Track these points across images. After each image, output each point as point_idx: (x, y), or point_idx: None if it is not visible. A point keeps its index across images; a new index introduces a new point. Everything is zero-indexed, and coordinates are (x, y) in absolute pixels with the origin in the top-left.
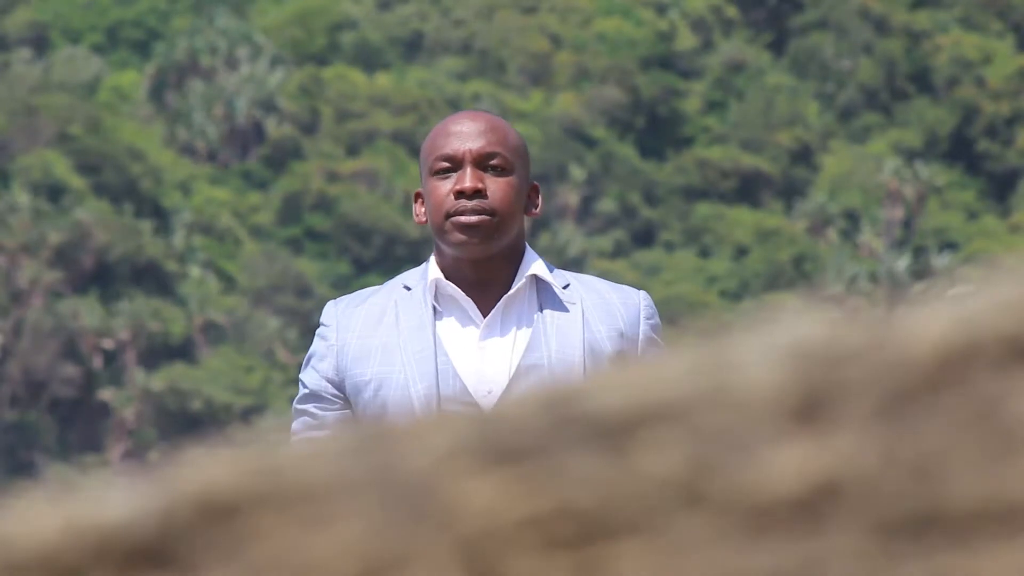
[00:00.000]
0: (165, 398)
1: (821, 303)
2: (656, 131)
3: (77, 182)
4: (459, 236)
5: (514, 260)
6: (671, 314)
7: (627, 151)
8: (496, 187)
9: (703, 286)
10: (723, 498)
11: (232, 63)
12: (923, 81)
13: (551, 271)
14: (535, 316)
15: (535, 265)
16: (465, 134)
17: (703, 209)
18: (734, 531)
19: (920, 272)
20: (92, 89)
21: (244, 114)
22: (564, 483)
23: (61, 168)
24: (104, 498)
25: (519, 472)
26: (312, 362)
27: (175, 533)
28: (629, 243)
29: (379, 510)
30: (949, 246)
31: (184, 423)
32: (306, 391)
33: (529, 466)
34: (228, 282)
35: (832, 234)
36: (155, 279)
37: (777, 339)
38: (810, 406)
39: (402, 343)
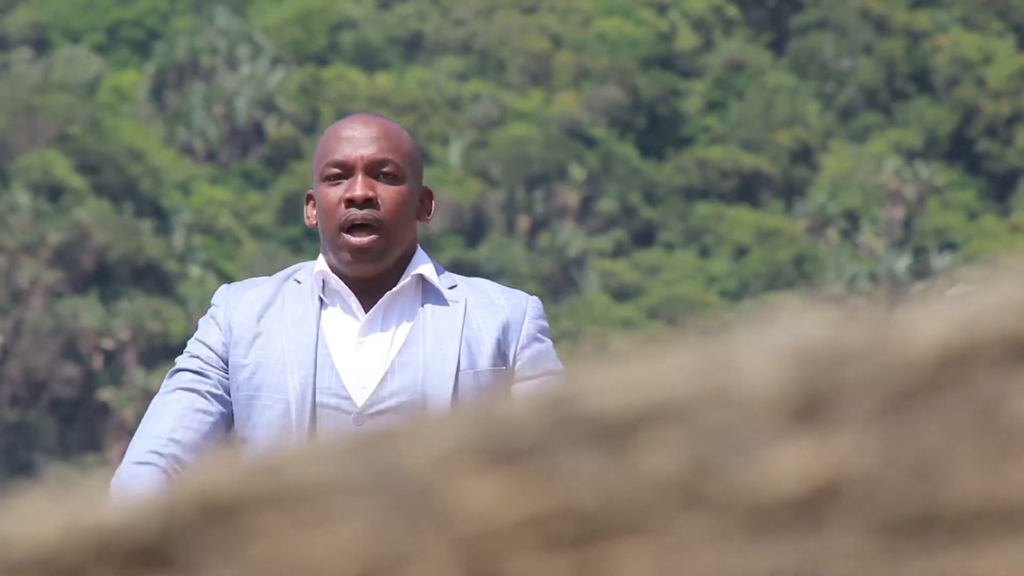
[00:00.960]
0: None
1: (821, 303)
2: (656, 131)
3: (77, 182)
4: (348, 257)
5: (402, 263)
6: (671, 314)
7: (627, 151)
8: (387, 195)
9: (703, 286)
10: (723, 498)
11: (232, 63)
12: (923, 81)
13: (440, 273)
14: (418, 311)
15: (423, 267)
16: (357, 140)
17: (703, 209)
18: (734, 531)
19: (920, 272)
20: (92, 89)
21: (244, 114)
22: (564, 483)
23: (61, 168)
24: (104, 498)
25: (519, 472)
26: (197, 335)
27: (175, 533)
28: (629, 243)
29: (379, 510)
30: (949, 246)
31: None
32: (191, 354)
33: (529, 466)
34: (228, 282)
35: (832, 234)
36: (155, 279)
37: (777, 339)
38: (810, 406)
39: (284, 331)
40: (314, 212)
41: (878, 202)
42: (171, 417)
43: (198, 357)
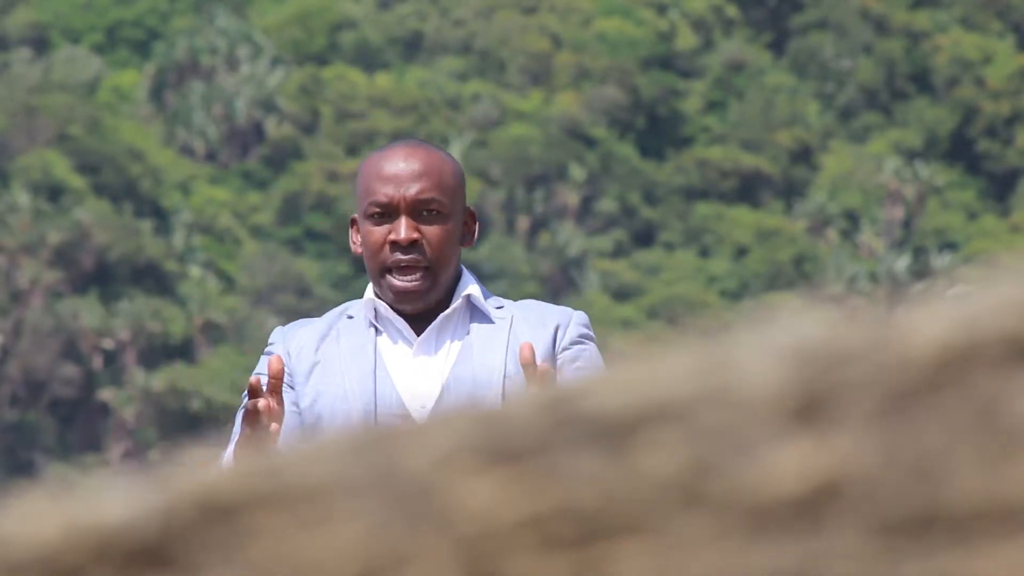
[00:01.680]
0: (165, 398)
1: (821, 303)
2: (656, 131)
3: (77, 182)
4: (393, 298)
5: (450, 287)
6: (671, 314)
7: (627, 151)
8: (432, 236)
9: (703, 286)
10: (723, 498)
11: (232, 63)
12: (923, 81)
13: (487, 296)
14: (467, 332)
15: (470, 287)
16: (400, 178)
17: (703, 209)
18: (734, 531)
19: (920, 272)
20: (92, 89)
21: (244, 114)
22: (564, 483)
23: (61, 168)
24: (104, 498)
25: (519, 472)
26: (259, 369)
27: (175, 533)
28: (629, 243)
29: (379, 510)
30: (949, 246)
31: (184, 423)
32: (259, 373)
33: (529, 466)
34: (228, 282)
35: (832, 234)
36: (155, 279)
37: (777, 339)
38: (810, 406)
39: (341, 360)
40: (359, 239)
41: (878, 202)
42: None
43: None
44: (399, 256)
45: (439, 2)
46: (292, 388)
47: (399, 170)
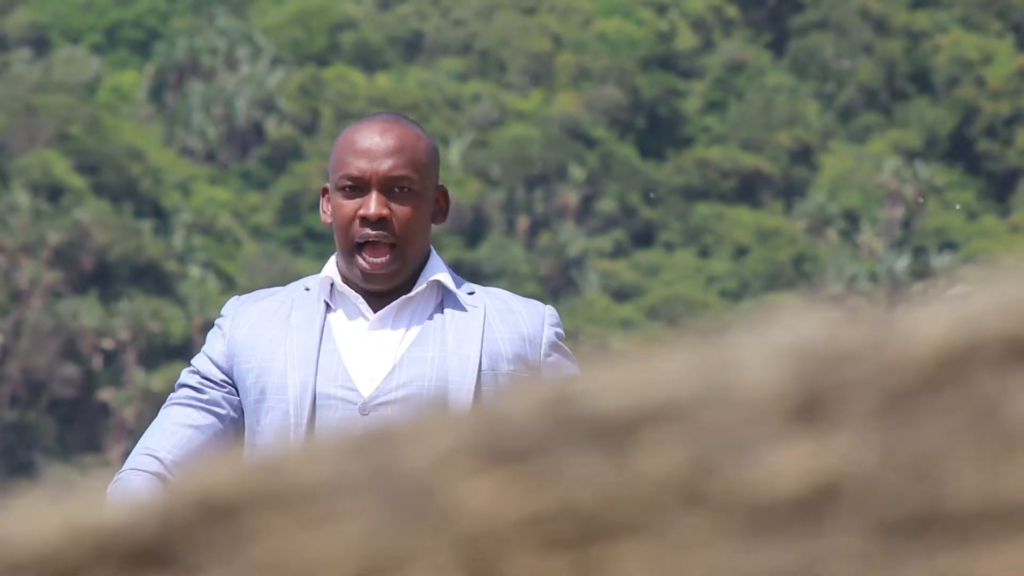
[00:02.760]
0: (165, 398)
1: (821, 303)
2: (656, 131)
3: (77, 182)
4: (360, 276)
5: (416, 268)
6: (671, 314)
7: (627, 151)
8: (402, 214)
9: (703, 286)
10: (723, 498)
11: (232, 63)
12: (923, 81)
13: (457, 281)
14: (433, 316)
15: (439, 274)
16: (374, 153)
17: (703, 209)
18: (734, 531)
19: (920, 272)
20: (92, 89)
21: (244, 114)
22: (564, 483)
23: (61, 168)
24: (104, 498)
25: (519, 472)
26: (204, 347)
27: (175, 533)
28: (629, 243)
29: (379, 510)
30: (949, 246)
31: None
32: (192, 370)
33: (529, 466)
34: (228, 282)
35: (832, 234)
36: (155, 279)
37: (777, 339)
38: (810, 406)
39: (288, 334)
40: (329, 209)
41: (878, 202)
42: (162, 433)
43: (198, 372)
44: (368, 231)
45: (439, 2)
46: (227, 380)
47: (373, 144)
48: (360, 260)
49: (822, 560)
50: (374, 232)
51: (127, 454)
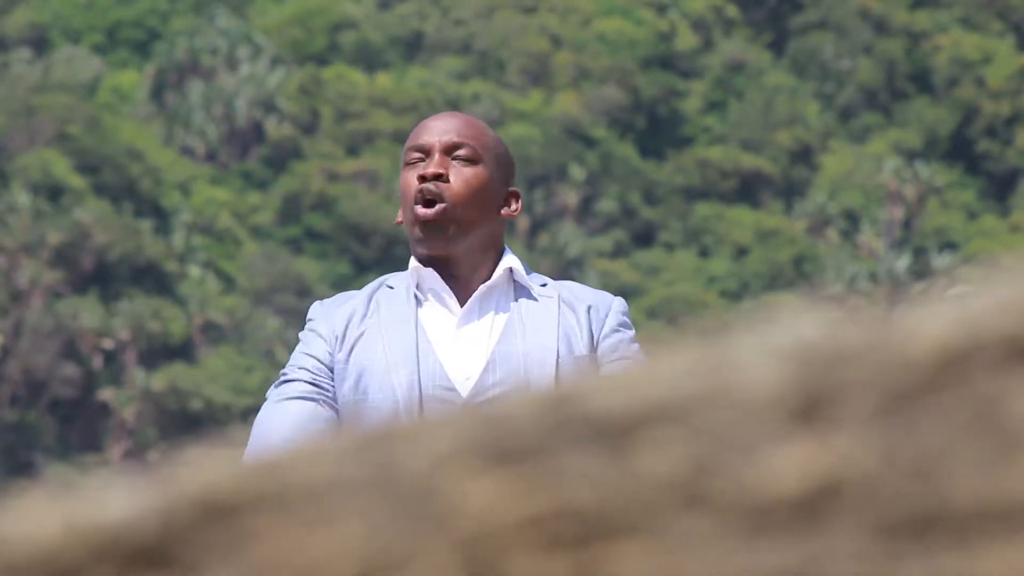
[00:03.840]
0: (165, 398)
1: (821, 303)
2: (656, 131)
3: (77, 182)
4: (416, 232)
5: (491, 256)
6: (671, 314)
7: (627, 151)
8: (459, 175)
9: (703, 286)
10: (723, 498)
11: (232, 63)
12: (923, 81)
13: (529, 273)
14: (511, 306)
15: (512, 260)
16: (439, 128)
17: (703, 209)
18: (734, 531)
19: (920, 272)
20: (92, 89)
21: (244, 114)
22: (564, 483)
23: (61, 168)
24: (104, 498)
25: (519, 472)
26: (301, 348)
27: (175, 533)
28: (629, 243)
29: (379, 510)
30: (949, 246)
31: (184, 423)
32: (299, 365)
33: (529, 466)
34: (228, 282)
35: (832, 234)
36: (155, 279)
37: (777, 339)
38: (810, 406)
39: (384, 332)
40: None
41: (878, 202)
42: (291, 426)
43: (306, 368)
44: (424, 184)
45: (439, 2)
46: (332, 375)
47: (440, 122)
48: (417, 210)
49: (822, 560)
50: (428, 185)
51: (127, 454)
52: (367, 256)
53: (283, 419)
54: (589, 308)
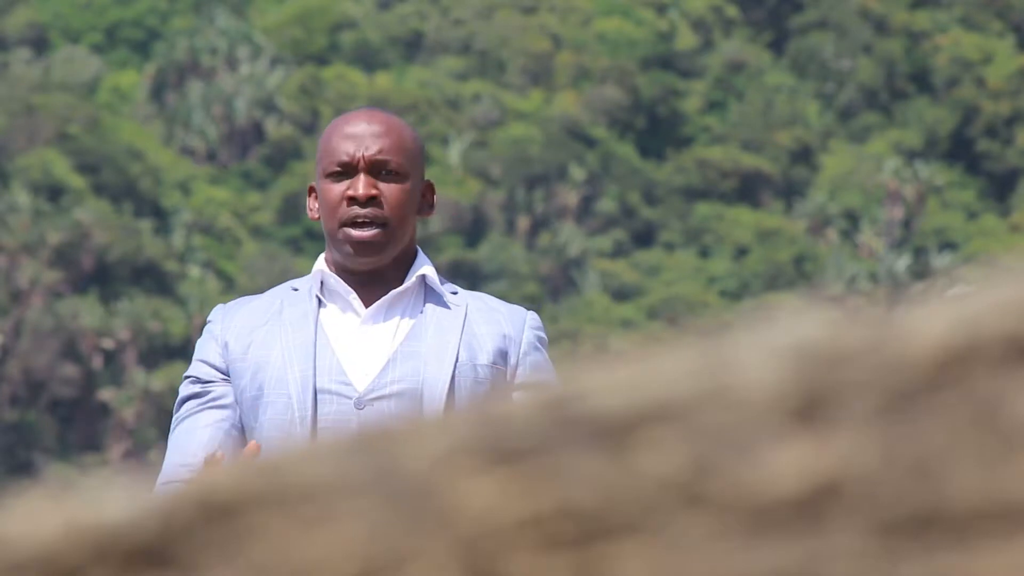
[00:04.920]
0: (165, 398)
1: (821, 303)
2: (656, 131)
3: (77, 182)
4: (349, 250)
5: (405, 262)
6: (671, 314)
7: (627, 151)
8: (390, 193)
9: (703, 286)
10: (723, 498)
11: (232, 63)
12: (923, 81)
13: (442, 281)
14: (420, 311)
15: (425, 268)
16: (360, 137)
17: (703, 209)
18: (734, 531)
19: (920, 272)
20: (92, 89)
21: (244, 114)
22: (564, 483)
23: (61, 168)
24: (104, 498)
25: (519, 472)
26: (196, 355)
27: (175, 533)
28: (629, 243)
29: (379, 510)
30: (949, 246)
31: None
32: (190, 379)
33: (529, 466)
34: (228, 282)
35: (832, 234)
36: (155, 279)
37: (777, 339)
38: (810, 406)
39: (283, 331)
40: (316, 205)
41: (878, 202)
42: (183, 444)
43: (198, 379)
44: (357, 210)
45: (439, 2)
46: (227, 379)
47: (360, 130)
48: (349, 232)
49: (822, 560)
50: (363, 211)
51: (127, 454)
52: None
53: (176, 443)
54: (503, 327)
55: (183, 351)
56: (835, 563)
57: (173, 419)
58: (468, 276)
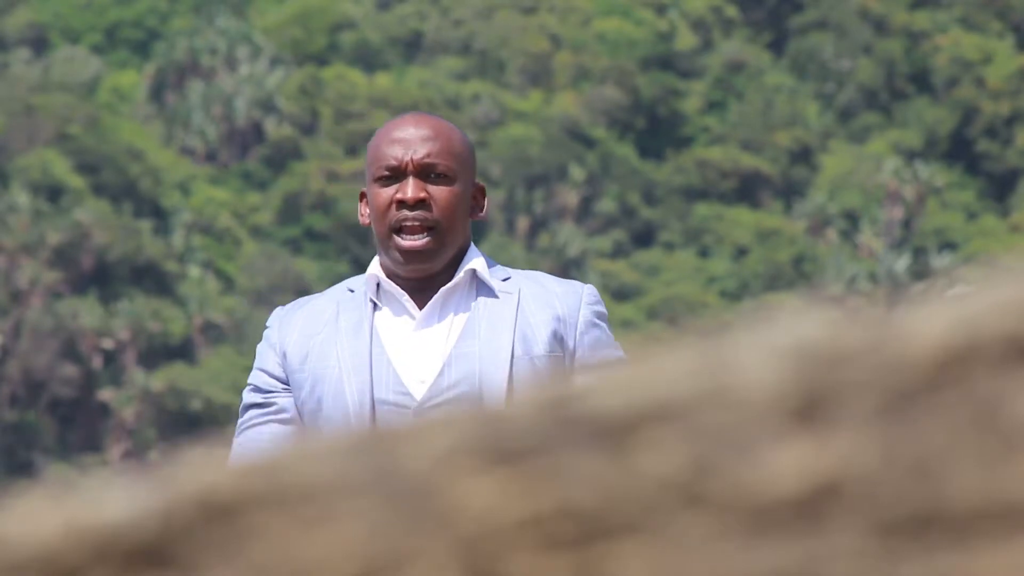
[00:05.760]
0: (165, 398)
1: (821, 303)
2: (656, 131)
3: (76, 182)
4: (399, 258)
5: (456, 260)
6: (671, 314)
7: (627, 151)
8: (440, 196)
9: (703, 286)
10: (723, 498)
11: (232, 63)
12: (923, 81)
13: (492, 267)
14: (472, 305)
15: (475, 261)
16: (408, 141)
17: (703, 209)
18: (734, 531)
19: (920, 272)
20: (91, 89)
21: (244, 114)
22: (564, 483)
23: (60, 168)
24: (104, 498)
25: (519, 472)
26: (256, 364)
27: (175, 533)
28: (629, 243)
29: (379, 510)
30: (949, 246)
31: (184, 423)
32: (252, 388)
33: (529, 466)
34: (228, 282)
35: (832, 234)
36: (155, 279)
37: (777, 339)
38: (810, 406)
39: (339, 339)
40: (367, 211)
41: (878, 202)
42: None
43: (258, 388)
44: (406, 213)
45: (439, 2)
46: (287, 388)
47: (408, 135)
48: (399, 240)
49: (822, 560)
50: (412, 214)
51: (127, 454)
52: (367, 256)
53: (239, 455)
54: (557, 306)
55: (183, 351)
56: (835, 563)
57: (237, 426)
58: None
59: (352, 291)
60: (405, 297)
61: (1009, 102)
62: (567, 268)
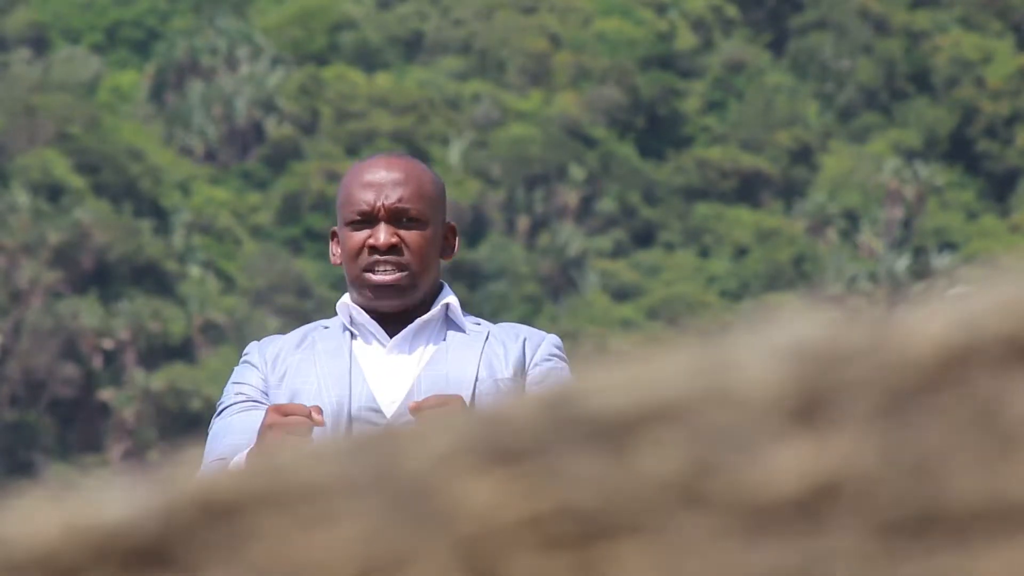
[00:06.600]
0: (165, 398)
1: (821, 303)
2: (656, 131)
3: (77, 182)
4: (370, 295)
5: (430, 297)
6: (671, 314)
7: (627, 151)
8: (411, 240)
9: (703, 286)
10: (723, 498)
11: (232, 63)
12: (923, 81)
13: (465, 315)
14: (442, 339)
15: (450, 298)
16: (380, 185)
17: (703, 209)
18: (734, 531)
19: (920, 272)
20: (91, 89)
21: (244, 114)
22: (564, 483)
23: (60, 168)
24: (104, 498)
25: (519, 472)
26: (234, 379)
27: (175, 533)
28: (629, 243)
29: (379, 510)
30: (949, 246)
31: (184, 423)
32: (233, 392)
33: (529, 466)
34: (228, 282)
35: (832, 234)
36: (155, 279)
37: (777, 339)
38: (810, 406)
39: (317, 359)
40: (339, 251)
41: (878, 202)
42: (246, 420)
43: (243, 393)
44: (377, 258)
45: (439, 2)
46: (266, 397)
47: (379, 178)
48: (370, 276)
49: (822, 560)
50: (384, 258)
51: (127, 454)
52: None
53: (234, 428)
54: (524, 340)
55: (183, 351)
56: (835, 563)
57: (212, 421)
58: (468, 276)
59: (327, 327)
60: (376, 327)
61: (1009, 102)
62: (567, 268)
